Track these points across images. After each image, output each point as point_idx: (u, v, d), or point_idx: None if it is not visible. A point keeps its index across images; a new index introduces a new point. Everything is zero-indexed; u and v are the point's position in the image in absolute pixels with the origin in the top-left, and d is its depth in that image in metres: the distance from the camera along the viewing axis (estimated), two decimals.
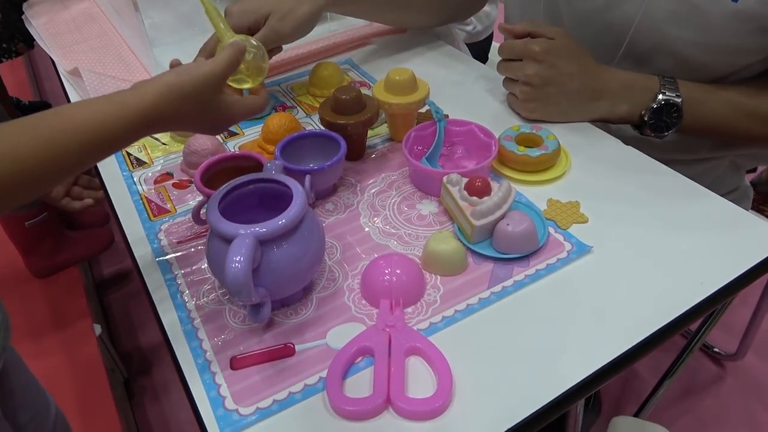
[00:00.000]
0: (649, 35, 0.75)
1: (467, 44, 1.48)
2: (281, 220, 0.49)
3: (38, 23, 1.14)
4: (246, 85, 0.66)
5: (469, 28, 1.44)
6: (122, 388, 1.46)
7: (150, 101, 0.48)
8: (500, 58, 0.79)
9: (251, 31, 0.74)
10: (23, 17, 1.21)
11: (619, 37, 0.77)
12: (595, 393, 1.35)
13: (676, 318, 0.54)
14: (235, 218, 0.50)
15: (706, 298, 0.55)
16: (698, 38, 0.71)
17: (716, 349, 1.47)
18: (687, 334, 1.19)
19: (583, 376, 0.49)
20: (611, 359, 0.50)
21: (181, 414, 1.44)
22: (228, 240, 0.48)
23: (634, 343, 0.51)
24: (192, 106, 0.51)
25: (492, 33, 1.58)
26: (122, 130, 0.47)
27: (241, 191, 0.55)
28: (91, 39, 1.05)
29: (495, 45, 1.63)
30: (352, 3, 0.84)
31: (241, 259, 0.45)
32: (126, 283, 1.79)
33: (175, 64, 0.60)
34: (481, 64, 0.94)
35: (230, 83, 0.66)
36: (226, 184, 0.54)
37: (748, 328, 1.37)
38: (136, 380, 1.53)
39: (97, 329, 1.41)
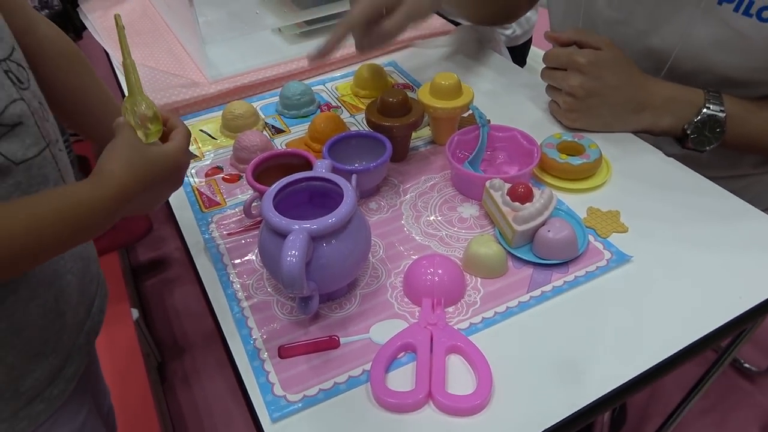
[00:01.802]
0: (690, 60, 0.76)
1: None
2: (332, 218, 0.51)
3: (93, 17, 1.18)
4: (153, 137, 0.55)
5: (508, 32, 1.45)
6: (156, 373, 1.50)
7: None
8: (543, 65, 0.80)
9: (387, 9, 0.70)
10: (78, 9, 1.26)
11: (660, 62, 0.78)
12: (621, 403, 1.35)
13: (712, 331, 0.54)
14: (286, 213, 0.53)
15: (744, 313, 0.55)
16: (741, 63, 0.72)
17: (747, 365, 1.45)
18: (717, 349, 1.18)
19: (617, 385, 0.50)
20: (646, 369, 0.51)
21: (211, 400, 1.48)
22: (282, 234, 0.51)
23: (669, 355, 0.52)
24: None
25: (531, 37, 1.58)
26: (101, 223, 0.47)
27: (293, 188, 0.57)
28: (144, 34, 1.09)
29: (534, 49, 1.63)
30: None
31: (296, 253, 0.48)
32: (160, 271, 1.84)
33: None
34: (522, 69, 0.95)
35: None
36: (280, 181, 0.57)
37: None
38: (168, 365, 1.57)
39: (134, 314, 1.46)
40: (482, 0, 0.97)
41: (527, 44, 1.58)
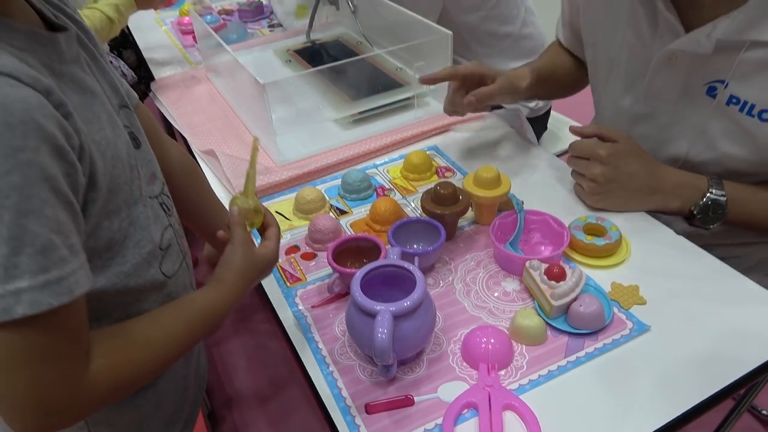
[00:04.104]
0: (705, 150, 0.89)
1: (530, 118, 1.65)
2: (408, 302, 0.65)
3: (166, 101, 1.35)
4: (255, 227, 0.70)
5: (532, 104, 1.60)
6: (207, 420, 1.62)
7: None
8: (563, 128, 0.94)
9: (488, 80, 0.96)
10: (150, 94, 1.43)
11: (678, 151, 0.92)
12: None
13: (720, 390, 0.66)
14: (366, 292, 0.66)
15: (743, 376, 0.67)
16: (749, 155, 0.85)
17: (765, 412, 1.54)
18: (735, 396, 1.27)
19: None
20: (669, 420, 0.63)
21: None
22: (368, 314, 0.64)
23: (686, 409, 0.64)
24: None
25: (551, 106, 1.73)
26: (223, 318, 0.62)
27: (374, 273, 0.71)
28: (216, 120, 1.25)
29: (554, 114, 1.77)
30: (539, 87, 1.06)
31: (385, 330, 0.61)
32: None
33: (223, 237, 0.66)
34: (551, 154, 1.09)
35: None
36: (364, 267, 0.70)
37: None
38: (218, 414, 1.69)
39: None
40: (553, 90, 1.18)
41: (548, 112, 1.73)
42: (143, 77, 1.95)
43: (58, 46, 0.51)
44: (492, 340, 0.70)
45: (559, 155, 1.62)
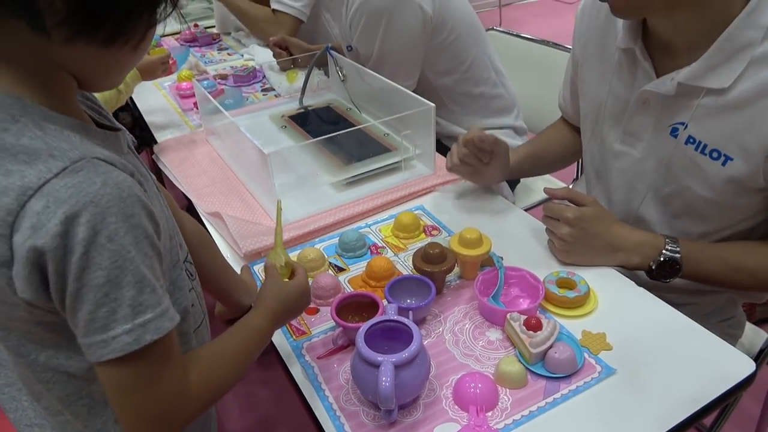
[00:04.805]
0: (670, 181, 1.02)
1: None
2: (406, 353, 0.74)
3: (170, 164, 1.45)
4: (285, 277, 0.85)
5: None
6: None
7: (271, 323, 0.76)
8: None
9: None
10: (154, 157, 1.53)
11: (649, 181, 1.05)
12: None
13: (679, 423, 0.77)
14: (368, 344, 0.76)
15: (696, 411, 0.78)
16: (702, 192, 0.98)
17: None
18: (702, 428, 1.38)
19: None
20: None
21: None
22: (372, 364, 0.74)
23: None
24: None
25: None
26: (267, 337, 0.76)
27: (375, 327, 0.81)
28: (219, 182, 1.35)
29: None
30: (518, 171, 1.27)
31: (388, 379, 0.71)
32: None
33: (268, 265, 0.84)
34: (527, 213, 1.21)
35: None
36: (367, 322, 0.80)
37: (759, 424, 1.55)
38: None
39: None
40: (545, 162, 1.35)
41: None
42: (137, 137, 2.05)
43: (118, 141, 0.63)
44: (479, 385, 0.79)
45: (531, 208, 1.76)
